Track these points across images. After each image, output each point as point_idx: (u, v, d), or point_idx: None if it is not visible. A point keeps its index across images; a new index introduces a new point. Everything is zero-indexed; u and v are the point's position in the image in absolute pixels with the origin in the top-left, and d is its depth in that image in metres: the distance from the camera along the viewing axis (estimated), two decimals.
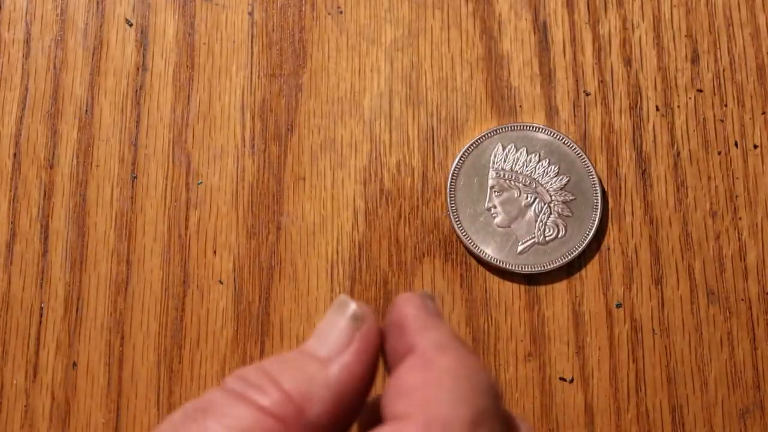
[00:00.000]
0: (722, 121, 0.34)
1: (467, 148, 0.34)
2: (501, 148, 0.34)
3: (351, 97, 0.35)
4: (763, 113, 0.34)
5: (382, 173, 0.34)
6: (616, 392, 0.32)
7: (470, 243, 0.33)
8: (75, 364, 0.33)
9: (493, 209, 0.33)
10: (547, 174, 0.34)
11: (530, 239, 0.33)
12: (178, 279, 0.33)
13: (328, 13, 0.36)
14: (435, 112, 0.35)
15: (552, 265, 0.33)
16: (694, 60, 0.35)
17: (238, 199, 0.34)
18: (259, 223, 0.34)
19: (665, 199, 0.34)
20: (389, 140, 0.35)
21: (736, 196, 0.34)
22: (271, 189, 0.34)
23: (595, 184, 0.33)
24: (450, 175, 0.34)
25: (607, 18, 0.35)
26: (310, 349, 0.18)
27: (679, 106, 0.35)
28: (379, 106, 0.35)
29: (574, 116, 0.35)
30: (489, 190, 0.34)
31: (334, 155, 0.34)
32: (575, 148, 0.34)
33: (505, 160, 0.34)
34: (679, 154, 0.34)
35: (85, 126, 0.35)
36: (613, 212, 0.34)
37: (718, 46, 0.35)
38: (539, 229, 0.33)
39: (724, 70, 0.35)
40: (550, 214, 0.33)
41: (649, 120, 0.34)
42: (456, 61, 0.35)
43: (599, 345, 0.32)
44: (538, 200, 0.34)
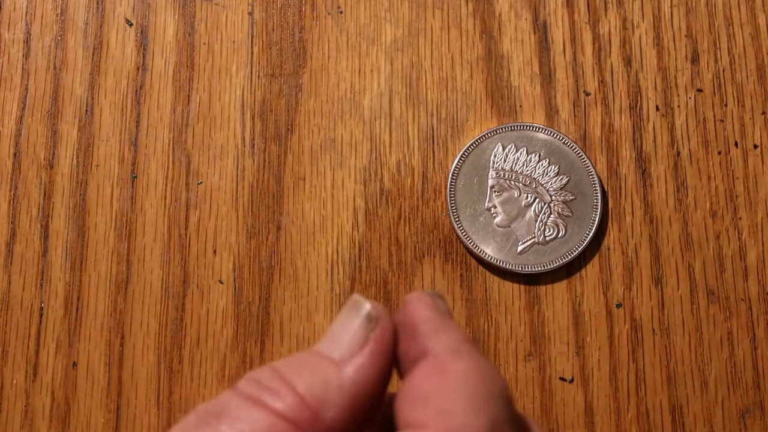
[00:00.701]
0: (722, 121, 0.34)
1: (467, 148, 0.34)
2: (501, 148, 0.34)
3: (351, 96, 0.35)
4: (763, 113, 0.34)
5: (382, 173, 0.34)
6: (616, 392, 0.32)
7: (470, 243, 0.33)
8: (75, 364, 0.33)
9: (493, 209, 0.33)
10: (547, 174, 0.34)
11: (530, 239, 0.33)
12: (178, 279, 0.33)
13: (328, 13, 0.36)
14: (435, 112, 0.35)
15: (552, 265, 0.33)
16: (694, 60, 0.35)
17: (238, 199, 0.34)
18: (259, 223, 0.34)
19: (665, 199, 0.34)
20: (389, 140, 0.35)
21: (736, 196, 0.34)
22: (271, 189, 0.34)
23: (595, 184, 0.33)
24: (450, 175, 0.34)
25: (607, 18, 0.35)
26: (323, 351, 0.17)
27: (679, 106, 0.35)
28: (379, 106, 0.35)
29: (574, 116, 0.35)
30: (489, 190, 0.34)
31: (334, 155, 0.34)
32: (575, 148, 0.34)
33: (505, 160, 0.34)
34: (679, 154, 0.34)
35: (85, 126, 0.35)
36: (613, 212, 0.34)
37: (718, 46, 0.35)
38: (539, 229, 0.33)
39: (724, 70, 0.35)
40: (550, 214, 0.33)
41: (649, 120, 0.34)
42: (456, 60, 0.35)
43: (599, 345, 0.32)
44: (538, 200, 0.34)
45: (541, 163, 0.34)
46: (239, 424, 0.16)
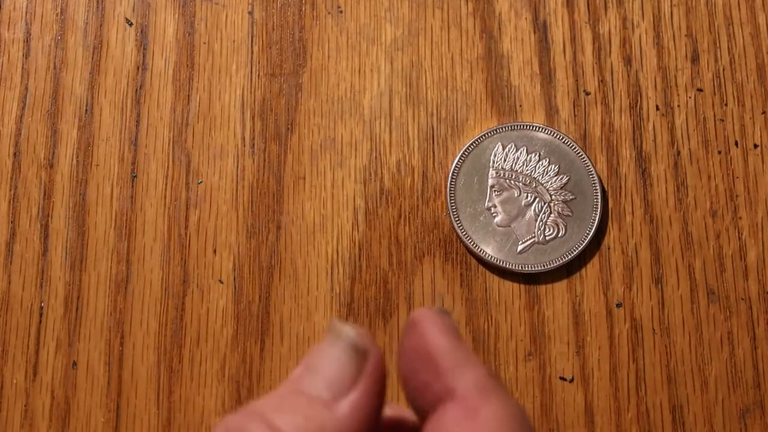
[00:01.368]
0: (722, 121, 0.34)
1: (467, 148, 0.34)
2: (501, 148, 0.34)
3: (351, 96, 0.35)
4: (763, 113, 0.34)
5: (382, 173, 0.34)
6: (616, 392, 0.32)
7: (470, 242, 0.33)
8: (75, 364, 0.33)
9: (493, 209, 0.33)
10: (547, 173, 0.34)
11: (530, 239, 0.33)
12: (178, 278, 0.33)
13: (328, 13, 0.36)
14: (435, 111, 0.35)
15: (552, 265, 0.33)
16: (694, 59, 0.35)
17: (238, 198, 0.34)
18: (259, 222, 0.34)
19: (665, 199, 0.34)
20: (389, 140, 0.35)
21: (736, 196, 0.34)
22: (271, 188, 0.34)
23: (595, 184, 0.33)
24: (450, 175, 0.34)
25: (607, 17, 0.35)
26: (309, 388, 0.16)
27: (679, 106, 0.35)
28: (379, 106, 0.35)
29: (574, 116, 0.35)
30: (489, 190, 0.34)
31: (334, 155, 0.34)
32: (575, 148, 0.34)
33: (505, 160, 0.34)
34: (679, 153, 0.34)
35: (85, 125, 0.35)
36: (613, 212, 0.34)
37: (718, 45, 0.35)
38: (539, 229, 0.33)
39: (724, 70, 0.35)
40: (550, 213, 0.33)
41: (649, 119, 0.34)
42: (456, 60, 0.35)
43: (599, 345, 0.32)
44: (538, 200, 0.34)
45: (541, 163, 0.34)
46: None
